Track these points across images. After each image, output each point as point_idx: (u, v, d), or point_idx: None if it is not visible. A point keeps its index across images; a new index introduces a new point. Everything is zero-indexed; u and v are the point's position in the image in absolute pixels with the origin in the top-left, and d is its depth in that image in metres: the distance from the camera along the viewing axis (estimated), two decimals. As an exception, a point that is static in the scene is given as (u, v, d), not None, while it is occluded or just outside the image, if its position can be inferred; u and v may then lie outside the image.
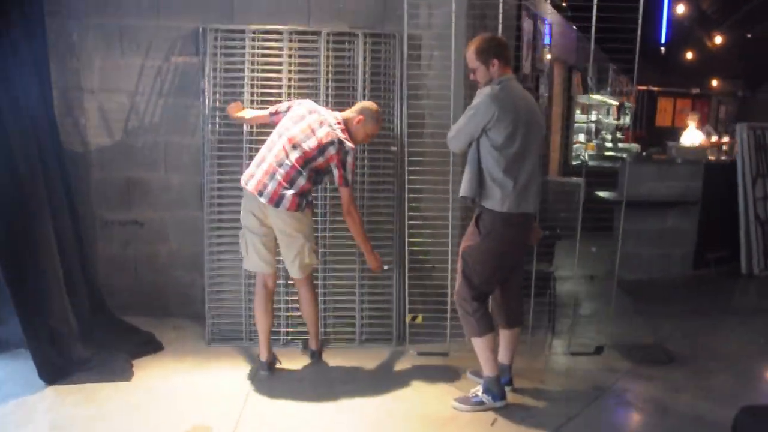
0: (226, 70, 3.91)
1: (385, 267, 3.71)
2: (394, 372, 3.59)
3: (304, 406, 3.14)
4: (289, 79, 3.91)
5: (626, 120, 11.34)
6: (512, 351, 3.31)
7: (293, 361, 3.65)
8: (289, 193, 3.25)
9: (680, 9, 8.80)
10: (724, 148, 8.94)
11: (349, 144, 3.33)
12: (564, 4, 7.78)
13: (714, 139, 8.88)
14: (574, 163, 8.38)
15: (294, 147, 3.29)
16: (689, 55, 10.12)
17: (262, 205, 3.29)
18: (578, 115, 9.35)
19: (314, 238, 3.55)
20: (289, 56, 3.90)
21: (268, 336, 3.48)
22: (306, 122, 3.34)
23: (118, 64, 4.06)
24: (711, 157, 6.97)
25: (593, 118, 9.98)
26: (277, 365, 3.53)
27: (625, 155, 8.02)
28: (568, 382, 3.53)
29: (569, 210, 5.06)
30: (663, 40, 9.10)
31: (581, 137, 9.41)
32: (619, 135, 10.86)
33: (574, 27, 8.18)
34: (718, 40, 9.60)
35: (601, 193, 5.60)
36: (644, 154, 8.24)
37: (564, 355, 3.84)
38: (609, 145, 9.86)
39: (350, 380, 3.44)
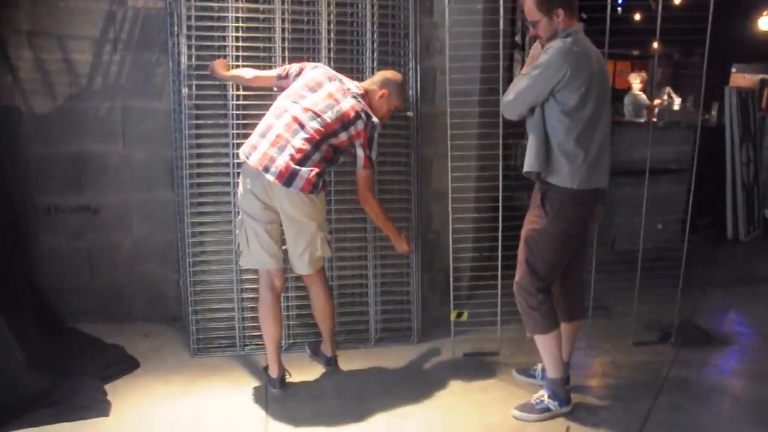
0: (200, 18, 3.15)
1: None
2: (431, 376, 3.08)
3: (340, 430, 2.58)
4: (283, 30, 3.20)
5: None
6: (572, 346, 2.90)
7: (304, 372, 3.04)
8: (304, 170, 2.64)
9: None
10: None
11: (375, 119, 2.80)
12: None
13: (677, 102, 8.81)
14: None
15: (313, 117, 2.68)
16: (636, 18, 10.01)
17: (267, 184, 2.64)
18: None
19: (327, 225, 2.94)
20: (282, 2, 3.19)
21: (278, 347, 2.85)
22: (326, 90, 2.75)
23: (60, 6, 3.20)
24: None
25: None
26: (288, 379, 2.92)
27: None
28: (621, 374, 3.16)
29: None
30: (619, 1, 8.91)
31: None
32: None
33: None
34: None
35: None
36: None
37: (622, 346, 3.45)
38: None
39: (382, 390, 2.89)
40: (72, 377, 2.75)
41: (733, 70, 12.63)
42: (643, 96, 8.76)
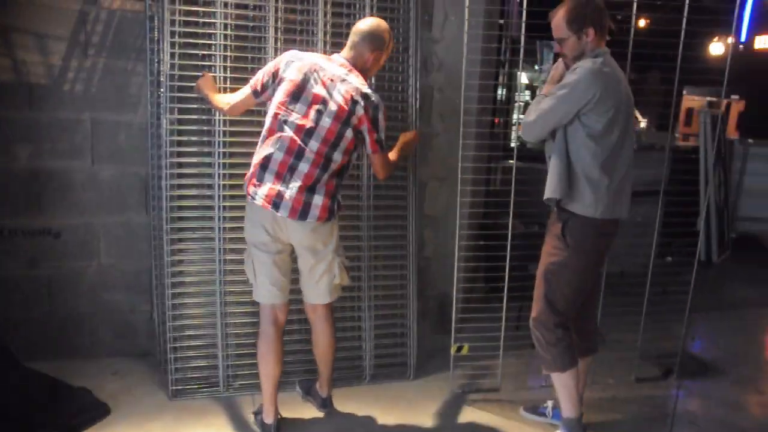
0: (185, 23, 2.85)
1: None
2: (434, 416, 2.85)
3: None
4: (276, 40, 2.93)
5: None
6: (585, 381, 2.76)
7: (295, 411, 2.77)
8: (317, 197, 2.40)
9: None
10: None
11: (374, 95, 2.48)
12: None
13: (644, 123, 8.94)
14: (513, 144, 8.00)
15: (309, 134, 2.40)
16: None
17: (279, 220, 2.42)
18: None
19: (342, 249, 2.68)
20: (276, 9, 2.93)
21: (276, 388, 2.57)
22: (309, 92, 2.42)
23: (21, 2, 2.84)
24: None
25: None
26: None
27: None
28: (627, 409, 3.04)
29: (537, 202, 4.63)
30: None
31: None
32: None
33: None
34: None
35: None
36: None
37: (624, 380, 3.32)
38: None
39: (384, 436, 2.66)
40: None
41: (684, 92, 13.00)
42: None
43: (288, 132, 2.40)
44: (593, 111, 2.34)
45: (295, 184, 2.37)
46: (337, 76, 2.44)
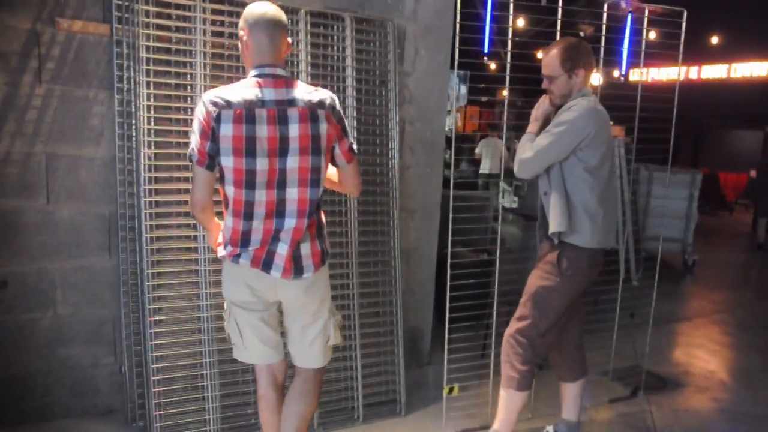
0: (160, 49, 2.64)
1: None
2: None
3: None
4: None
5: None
6: (580, 405, 2.84)
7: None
8: (305, 247, 2.08)
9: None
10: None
11: (325, 94, 2.06)
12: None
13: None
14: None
15: (282, 185, 2.00)
16: (492, 66, 10.72)
17: (267, 278, 2.08)
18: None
19: (334, 305, 2.37)
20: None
21: None
22: (262, 137, 1.95)
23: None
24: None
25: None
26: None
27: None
28: (608, 428, 3.15)
29: (481, 228, 4.75)
30: (486, 51, 9.48)
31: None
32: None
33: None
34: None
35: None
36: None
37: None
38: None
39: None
40: None
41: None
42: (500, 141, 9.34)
43: (260, 195, 1.99)
44: (589, 146, 2.42)
45: (285, 245, 2.04)
46: (281, 101, 1.97)
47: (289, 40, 2.10)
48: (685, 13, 3.35)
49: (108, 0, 2.64)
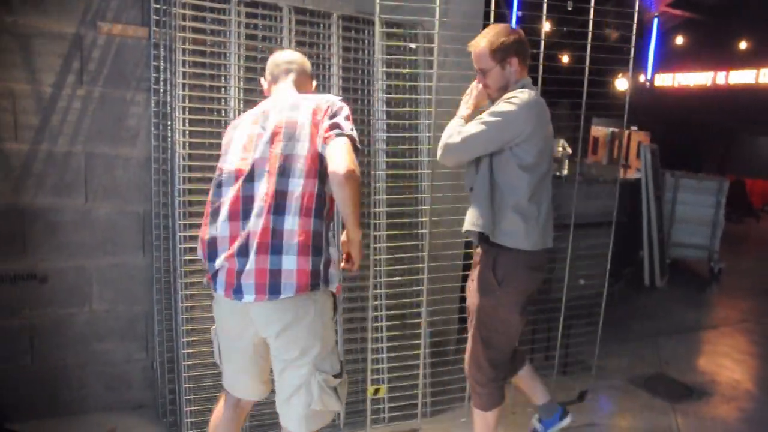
0: (195, 52, 2.70)
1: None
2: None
3: None
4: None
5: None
6: (540, 382, 2.70)
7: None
8: (288, 259, 1.73)
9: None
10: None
11: (337, 100, 1.91)
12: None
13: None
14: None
15: (250, 178, 1.79)
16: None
17: (241, 308, 1.79)
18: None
19: (337, 353, 1.94)
20: (289, 42, 2.85)
21: None
22: (240, 134, 1.87)
23: (4, 23, 2.57)
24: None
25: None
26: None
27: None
28: (634, 425, 3.14)
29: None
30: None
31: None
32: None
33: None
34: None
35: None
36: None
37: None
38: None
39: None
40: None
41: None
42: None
43: (227, 193, 1.79)
44: (526, 143, 2.22)
45: (253, 250, 1.72)
46: (274, 105, 1.89)
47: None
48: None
49: (147, 3, 2.71)
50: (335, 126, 1.79)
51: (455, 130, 2.28)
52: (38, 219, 2.71)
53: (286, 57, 2.05)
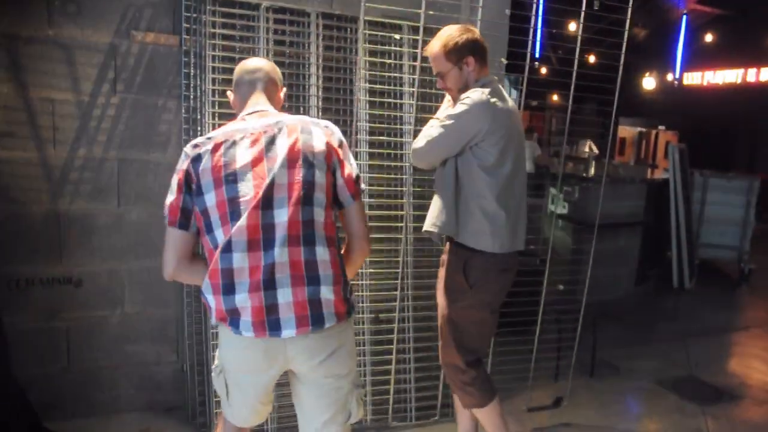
0: (225, 59, 2.75)
1: None
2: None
3: None
4: (318, 78, 2.88)
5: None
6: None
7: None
8: (325, 289, 1.68)
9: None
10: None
11: (330, 124, 1.83)
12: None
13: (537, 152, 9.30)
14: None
15: (268, 205, 1.64)
16: (543, 71, 10.62)
17: (276, 343, 1.68)
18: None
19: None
20: (317, 47, 2.88)
21: None
22: (243, 159, 1.67)
23: (45, 35, 2.64)
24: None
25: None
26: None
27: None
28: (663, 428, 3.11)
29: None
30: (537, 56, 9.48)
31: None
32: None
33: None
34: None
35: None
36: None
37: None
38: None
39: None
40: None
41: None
42: (534, 144, 9.21)
43: (242, 221, 1.62)
44: (484, 142, 2.20)
45: (285, 283, 1.63)
46: (268, 125, 1.72)
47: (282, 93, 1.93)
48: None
49: (178, 11, 2.76)
50: (358, 180, 1.80)
51: (422, 134, 2.30)
52: (74, 224, 2.78)
53: (254, 65, 1.90)
